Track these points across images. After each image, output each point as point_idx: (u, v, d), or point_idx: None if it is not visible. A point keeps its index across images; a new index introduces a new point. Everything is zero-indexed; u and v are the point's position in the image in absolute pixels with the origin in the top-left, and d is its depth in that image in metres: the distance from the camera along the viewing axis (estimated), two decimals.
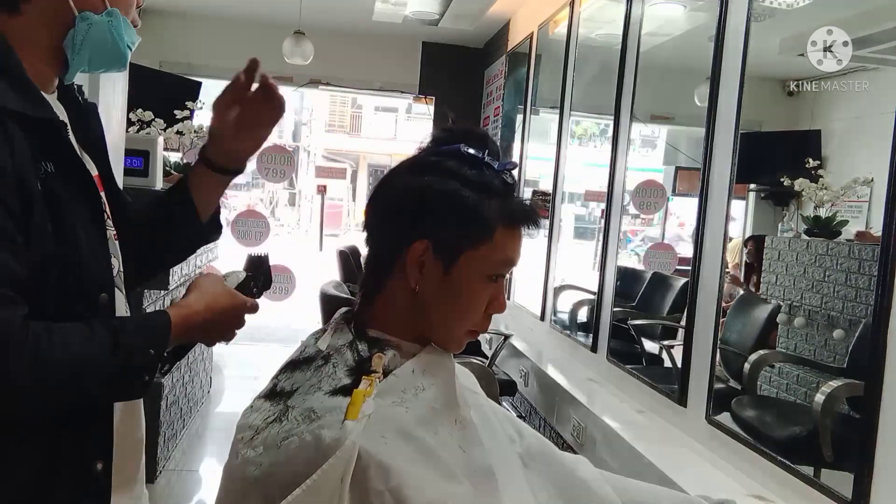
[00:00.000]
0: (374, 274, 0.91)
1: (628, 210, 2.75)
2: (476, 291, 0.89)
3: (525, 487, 0.95)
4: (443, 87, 5.41)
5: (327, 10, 4.68)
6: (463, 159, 0.88)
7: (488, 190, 0.87)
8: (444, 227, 0.86)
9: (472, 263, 0.87)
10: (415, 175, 0.89)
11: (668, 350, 2.41)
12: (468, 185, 0.86)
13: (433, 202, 0.86)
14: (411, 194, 0.87)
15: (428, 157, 0.90)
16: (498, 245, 0.87)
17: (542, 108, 3.95)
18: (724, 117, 1.95)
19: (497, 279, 0.90)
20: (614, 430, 2.09)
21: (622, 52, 2.67)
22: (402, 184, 0.89)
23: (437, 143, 0.93)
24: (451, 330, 0.91)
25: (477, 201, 0.86)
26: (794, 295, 1.94)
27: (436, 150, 0.91)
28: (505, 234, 0.88)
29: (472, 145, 0.89)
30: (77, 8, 0.90)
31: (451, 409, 0.88)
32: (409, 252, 0.86)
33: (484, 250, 0.87)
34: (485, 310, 0.91)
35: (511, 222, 0.88)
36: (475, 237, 0.86)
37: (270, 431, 0.81)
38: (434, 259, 0.86)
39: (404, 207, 0.88)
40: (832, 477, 1.51)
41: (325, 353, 0.88)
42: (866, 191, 1.81)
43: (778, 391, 1.96)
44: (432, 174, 0.87)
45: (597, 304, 2.79)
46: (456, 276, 0.87)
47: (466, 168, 0.87)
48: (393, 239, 0.88)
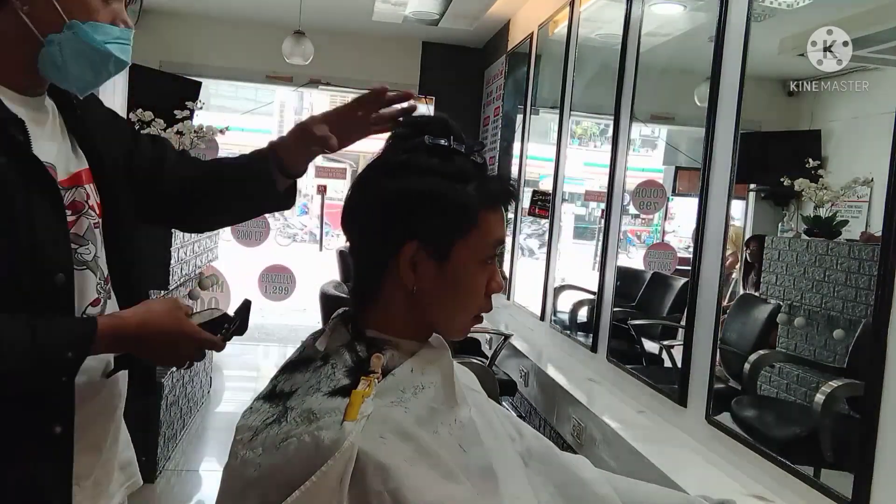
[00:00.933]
0: (367, 280, 0.91)
1: (628, 210, 2.75)
2: (473, 277, 0.90)
3: (526, 487, 0.95)
4: (443, 87, 5.41)
5: (327, 10, 4.68)
6: (431, 151, 0.88)
7: (462, 176, 0.87)
8: (429, 225, 0.86)
9: (463, 252, 0.87)
10: (388, 177, 0.88)
11: (668, 350, 2.41)
12: (442, 176, 0.86)
13: (413, 202, 0.86)
14: (390, 199, 0.87)
15: (397, 156, 0.90)
16: (484, 228, 0.88)
17: (542, 108, 3.95)
18: (724, 117, 1.95)
19: (490, 261, 0.91)
20: (614, 430, 2.09)
21: (622, 52, 2.67)
22: (379, 189, 0.88)
23: (402, 139, 0.93)
24: (456, 320, 0.92)
25: (455, 191, 0.86)
26: (795, 295, 1.94)
27: (402, 146, 0.91)
28: (489, 216, 0.88)
29: (435, 134, 0.89)
30: (41, 34, 0.99)
31: (451, 408, 0.88)
32: (399, 255, 0.86)
33: (473, 237, 0.87)
34: (485, 291, 0.92)
35: (492, 203, 0.89)
36: (462, 226, 0.86)
37: (269, 433, 0.80)
38: (426, 257, 0.86)
39: (386, 213, 0.87)
40: (832, 477, 1.51)
41: (324, 354, 0.88)
42: (866, 191, 1.80)
43: (778, 391, 1.96)
44: (405, 173, 0.87)
45: (597, 304, 2.79)
46: (451, 268, 0.87)
47: (436, 160, 0.87)
48: (381, 245, 0.88)
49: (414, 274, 0.86)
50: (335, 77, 5.44)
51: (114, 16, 1.03)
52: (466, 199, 0.86)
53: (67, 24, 0.99)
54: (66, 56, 1.00)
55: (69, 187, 1.04)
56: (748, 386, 1.97)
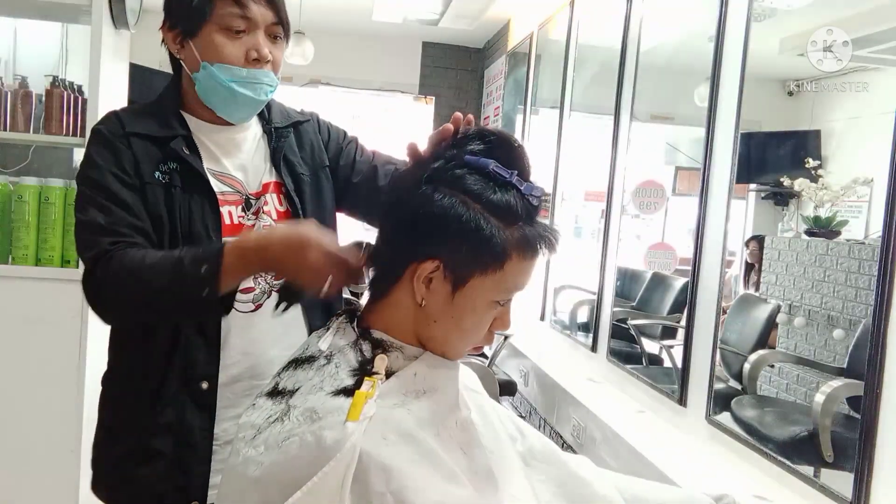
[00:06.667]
0: (383, 274, 0.91)
1: (628, 210, 2.75)
2: (481, 314, 0.88)
3: (526, 487, 0.95)
4: (443, 87, 5.41)
5: (327, 10, 4.68)
6: (490, 177, 0.85)
7: (509, 216, 0.85)
8: (455, 254, 0.84)
9: (479, 288, 0.85)
10: (438, 185, 0.85)
11: (668, 350, 2.41)
12: (490, 209, 0.84)
13: (451, 226, 0.83)
14: (429, 211, 0.84)
15: (454, 168, 0.86)
16: (508, 273, 0.85)
17: (542, 108, 3.95)
18: (724, 117, 1.96)
19: (504, 303, 0.90)
20: (614, 430, 2.09)
21: (622, 52, 2.67)
22: (424, 197, 0.85)
23: (464, 145, 0.89)
24: (452, 346, 0.90)
25: (493, 231, 0.83)
26: (795, 295, 1.94)
27: (464, 160, 0.87)
28: (517, 264, 0.86)
29: (503, 159, 0.86)
30: (190, 71, 1.25)
31: (453, 410, 0.88)
32: (418, 268, 0.85)
33: (494, 278, 0.85)
34: (489, 328, 0.91)
35: (526, 251, 0.86)
36: (486, 265, 0.85)
37: (272, 431, 0.81)
38: (443, 279, 0.85)
39: (421, 224, 0.85)
40: (832, 477, 1.51)
41: (328, 353, 0.88)
42: (866, 191, 1.80)
43: (778, 391, 1.96)
44: (455, 190, 0.84)
45: (597, 304, 2.79)
46: (462, 298, 0.85)
47: (491, 191, 0.84)
48: (405, 250, 0.87)
49: (426, 290, 0.86)
50: (335, 77, 5.44)
51: (247, 48, 1.21)
52: (501, 242, 0.84)
53: (202, 64, 1.22)
54: (206, 92, 1.24)
55: (257, 197, 1.29)
56: (748, 386, 1.97)
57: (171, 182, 1.21)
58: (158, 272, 1.10)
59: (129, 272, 1.11)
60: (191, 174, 1.23)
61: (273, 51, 1.24)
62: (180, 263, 1.09)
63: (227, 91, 1.22)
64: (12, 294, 2.47)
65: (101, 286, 1.13)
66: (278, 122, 1.35)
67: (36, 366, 2.49)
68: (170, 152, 1.22)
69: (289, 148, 1.34)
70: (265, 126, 1.34)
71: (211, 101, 1.25)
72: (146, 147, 1.22)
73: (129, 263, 1.11)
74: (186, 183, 1.22)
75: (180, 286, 1.09)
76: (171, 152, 1.22)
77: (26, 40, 3.60)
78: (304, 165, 1.34)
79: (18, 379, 2.49)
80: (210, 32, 1.20)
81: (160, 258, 1.12)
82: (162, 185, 1.21)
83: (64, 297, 2.44)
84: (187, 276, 1.08)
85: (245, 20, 1.20)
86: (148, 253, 1.14)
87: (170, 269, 1.10)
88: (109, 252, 1.13)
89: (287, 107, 1.42)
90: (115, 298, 1.14)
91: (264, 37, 1.23)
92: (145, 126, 1.24)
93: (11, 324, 2.48)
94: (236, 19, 1.20)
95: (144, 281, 1.10)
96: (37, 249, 2.49)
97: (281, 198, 1.30)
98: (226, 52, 1.20)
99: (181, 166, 1.22)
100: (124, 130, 1.23)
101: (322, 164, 1.38)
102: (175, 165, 1.22)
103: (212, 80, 1.22)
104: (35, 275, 2.47)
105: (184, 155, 1.23)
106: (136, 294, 1.12)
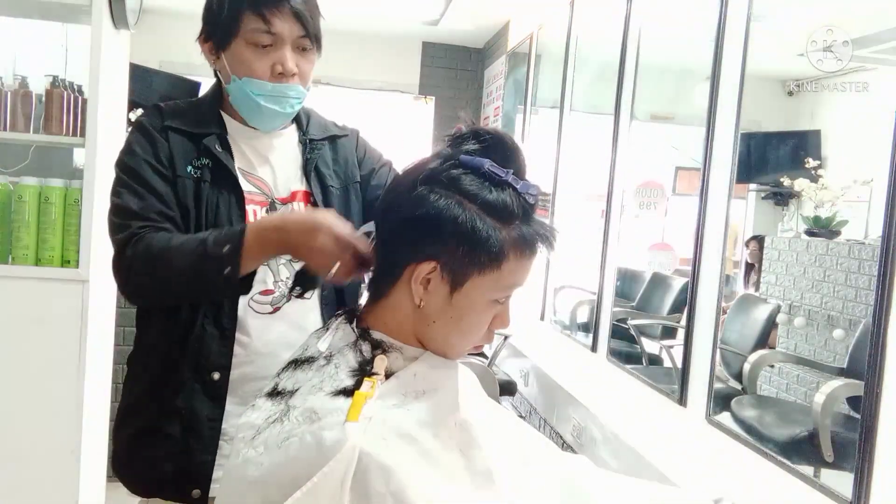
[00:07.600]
0: (381, 279, 0.91)
1: (628, 210, 2.75)
2: (480, 314, 0.88)
3: (526, 488, 0.95)
4: (443, 87, 5.41)
5: (327, 10, 4.67)
6: (485, 177, 0.86)
7: (506, 215, 0.85)
8: (453, 255, 0.84)
9: (477, 288, 0.86)
10: (434, 187, 0.85)
11: (668, 350, 2.41)
12: (486, 209, 0.84)
13: (447, 227, 0.83)
14: (426, 213, 0.84)
15: (450, 169, 0.87)
16: (506, 272, 0.86)
17: (542, 108, 3.95)
18: (724, 117, 1.96)
19: (503, 301, 0.90)
20: (614, 431, 2.09)
21: (622, 52, 2.67)
22: (420, 198, 0.86)
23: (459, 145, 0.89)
24: (452, 346, 0.90)
25: (489, 231, 0.84)
26: (795, 295, 1.94)
27: (459, 160, 0.87)
28: (515, 262, 0.86)
29: (498, 158, 0.87)
30: (224, 82, 1.33)
31: (452, 411, 0.88)
32: (416, 269, 0.85)
33: (491, 277, 0.85)
34: (488, 326, 0.91)
35: (524, 250, 0.87)
36: (484, 265, 0.85)
37: (271, 431, 0.81)
38: (441, 280, 0.85)
39: (418, 225, 0.85)
40: (832, 477, 1.51)
41: (328, 353, 0.88)
42: (866, 191, 1.80)
43: (778, 391, 1.96)
44: (451, 192, 0.84)
45: (597, 304, 2.79)
46: (461, 298, 0.86)
47: (486, 191, 0.85)
48: (403, 251, 0.87)
49: (424, 291, 0.86)
50: (335, 77, 5.43)
51: (272, 62, 1.27)
52: (498, 241, 0.84)
53: (232, 77, 1.29)
54: (237, 102, 1.32)
55: (284, 203, 1.35)
56: (748, 386, 1.97)
57: (201, 177, 1.28)
58: (184, 252, 1.16)
59: (158, 251, 1.18)
60: (221, 171, 1.29)
61: (301, 63, 1.30)
62: (204, 244, 1.16)
63: (254, 104, 1.28)
64: (12, 294, 2.48)
65: (130, 266, 1.19)
66: (315, 133, 1.41)
67: (36, 366, 2.49)
68: (203, 149, 1.29)
69: (322, 160, 1.39)
70: (301, 136, 1.41)
71: (241, 111, 1.32)
72: (182, 142, 1.30)
73: (157, 244, 1.18)
74: (216, 179, 1.29)
75: (203, 264, 1.15)
76: (204, 149, 1.29)
77: (26, 40, 3.60)
78: (335, 178, 1.38)
79: (18, 379, 2.49)
80: (238, 47, 1.27)
81: (186, 239, 1.20)
82: (193, 180, 1.28)
83: (64, 297, 2.45)
84: (210, 255, 1.14)
85: (270, 35, 1.26)
86: (175, 235, 1.21)
87: (194, 248, 1.16)
88: (138, 234, 1.20)
89: (328, 120, 1.47)
90: (143, 277, 1.20)
91: (291, 51, 1.28)
92: (183, 121, 1.32)
93: (11, 324, 2.49)
94: (262, 35, 1.25)
95: (170, 259, 1.17)
96: (37, 249, 2.49)
97: (308, 207, 1.36)
98: (252, 66, 1.26)
99: (213, 163, 1.29)
100: (163, 123, 1.31)
101: (353, 180, 1.42)
102: (207, 161, 1.29)
103: (240, 92, 1.28)
104: (35, 275, 2.47)
105: (216, 152, 1.29)
106: (162, 272, 1.19)
